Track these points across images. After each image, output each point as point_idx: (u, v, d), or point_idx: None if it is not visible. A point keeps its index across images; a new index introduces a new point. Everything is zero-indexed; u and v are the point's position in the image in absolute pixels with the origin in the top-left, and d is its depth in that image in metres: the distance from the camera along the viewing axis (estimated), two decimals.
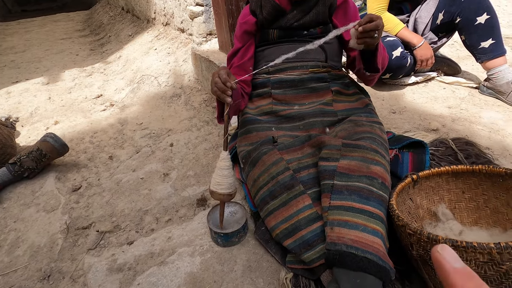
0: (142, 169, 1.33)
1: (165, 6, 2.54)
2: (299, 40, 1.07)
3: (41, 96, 2.22)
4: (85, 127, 1.73)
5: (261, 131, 0.99)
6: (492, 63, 1.43)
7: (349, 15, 1.05)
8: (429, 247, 0.63)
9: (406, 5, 1.65)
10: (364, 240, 0.66)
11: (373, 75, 1.00)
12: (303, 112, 1.00)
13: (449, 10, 1.46)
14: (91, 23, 4.73)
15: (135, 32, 3.19)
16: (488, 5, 1.40)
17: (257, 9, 1.05)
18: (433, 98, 1.55)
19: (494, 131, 1.26)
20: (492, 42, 1.41)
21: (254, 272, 0.83)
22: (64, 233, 1.04)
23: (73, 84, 2.44)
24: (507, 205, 0.78)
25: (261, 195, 0.87)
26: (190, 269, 0.85)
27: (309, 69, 1.05)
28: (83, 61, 3.03)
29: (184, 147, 1.45)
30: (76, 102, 2.12)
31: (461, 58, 1.91)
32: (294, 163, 0.85)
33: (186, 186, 1.20)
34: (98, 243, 0.99)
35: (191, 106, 1.80)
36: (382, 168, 0.77)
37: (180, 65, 2.13)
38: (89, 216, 1.11)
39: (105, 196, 1.19)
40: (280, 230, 0.79)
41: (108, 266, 0.90)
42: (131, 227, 1.04)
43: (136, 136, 1.60)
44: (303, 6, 1.02)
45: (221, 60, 1.66)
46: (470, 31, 1.43)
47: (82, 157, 1.46)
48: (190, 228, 1.00)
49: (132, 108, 1.91)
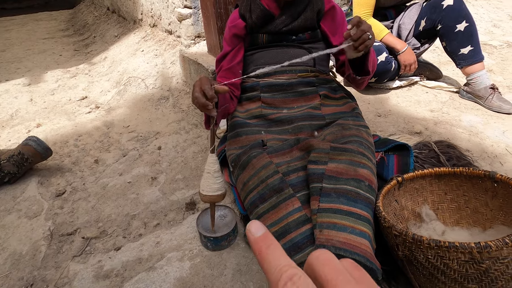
0: (129, 173, 1.31)
1: (152, 7, 2.51)
2: (287, 44, 1.08)
3: (22, 98, 2.15)
4: (69, 130, 1.68)
5: (251, 134, 1.00)
6: (471, 68, 1.50)
7: (337, 21, 1.08)
8: (414, 248, 0.65)
9: (390, 12, 1.71)
10: (352, 242, 0.67)
11: (364, 78, 1.02)
12: (292, 116, 1.02)
13: (430, 18, 1.52)
14: (75, 23, 4.61)
15: (121, 33, 3.14)
16: (467, 13, 1.46)
17: (246, 13, 1.06)
18: (416, 102, 1.60)
19: (473, 134, 1.31)
20: (471, 49, 1.47)
21: (244, 275, 0.83)
22: (47, 239, 1.01)
23: (56, 85, 2.37)
24: (486, 206, 0.81)
25: (250, 198, 0.87)
26: (179, 274, 0.85)
27: (297, 73, 1.07)
28: (67, 61, 2.95)
29: (173, 150, 1.44)
30: (59, 104, 2.06)
31: (442, 63, 1.99)
32: (283, 166, 0.86)
33: (174, 190, 1.19)
34: (84, 250, 0.96)
35: (180, 109, 1.78)
36: (369, 171, 0.79)
37: (168, 67, 2.11)
38: (74, 222, 1.08)
39: (91, 201, 1.17)
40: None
41: (94, 273, 0.88)
42: (118, 233, 1.02)
43: (122, 139, 1.57)
44: (292, 12, 1.03)
45: (209, 63, 1.65)
46: (451, 38, 1.49)
47: (66, 161, 1.42)
48: (179, 232, 0.99)
49: (119, 110, 1.87)
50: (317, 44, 1.10)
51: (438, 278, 0.64)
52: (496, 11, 2.79)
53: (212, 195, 0.86)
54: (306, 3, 1.03)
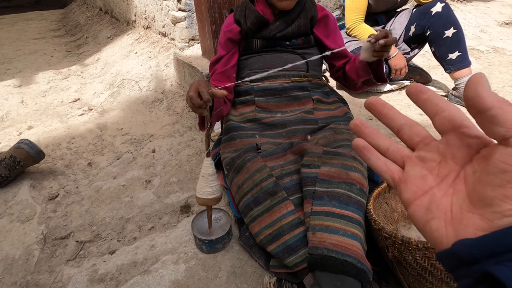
0: (123, 176, 1.30)
1: (146, 9, 2.51)
2: (281, 50, 1.10)
3: (12, 100, 2.12)
4: (62, 133, 1.67)
5: (245, 138, 1.01)
6: (458, 73, 1.55)
7: (330, 28, 1.10)
8: (403, 249, 0.67)
9: (381, 17, 1.75)
10: (344, 244, 0.69)
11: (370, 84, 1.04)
12: (286, 120, 1.04)
13: (420, 23, 1.56)
14: (67, 23, 4.56)
15: (114, 34, 3.12)
16: (455, 20, 1.51)
17: (241, 18, 1.07)
18: (406, 106, 1.64)
19: None
20: (459, 54, 1.52)
21: (238, 277, 0.84)
22: (40, 244, 1.00)
23: (48, 87, 2.35)
24: None
25: (245, 201, 0.88)
26: (174, 277, 0.85)
27: (291, 78, 1.09)
28: (59, 63, 2.92)
29: (167, 153, 1.44)
30: (51, 106, 2.04)
31: (431, 67, 2.04)
32: (277, 170, 0.88)
33: (169, 193, 1.19)
34: (78, 254, 0.96)
35: (174, 112, 1.79)
36: (360, 175, 0.82)
37: (162, 69, 2.11)
38: (68, 225, 1.07)
39: (85, 205, 1.16)
40: (264, 236, 0.82)
41: (89, 277, 0.88)
42: (113, 236, 1.02)
43: (116, 141, 1.57)
44: (286, 18, 1.05)
45: (204, 66, 1.66)
46: (439, 43, 1.54)
47: (59, 164, 1.41)
48: (174, 235, 1.00)
49: (112, 113, 1.87)
50: (310, 49, 1.12)
51: (426, 278, 0.67)
52: (483, 16, 2.87)
53: (208, 198, 0.87)
54: (299, 10, 1.05)
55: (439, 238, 0.22)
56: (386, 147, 0.29)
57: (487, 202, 0.20)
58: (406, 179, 0.26)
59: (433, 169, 0.25)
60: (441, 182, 0.24)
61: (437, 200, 0.24)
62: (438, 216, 0.23)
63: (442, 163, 0.25)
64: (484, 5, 3.08)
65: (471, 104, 0.21)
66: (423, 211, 0.24)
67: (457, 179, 0.24)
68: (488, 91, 0.20)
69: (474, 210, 0.21)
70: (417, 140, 0.27)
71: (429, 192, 0.24)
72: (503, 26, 2.76)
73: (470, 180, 0.22)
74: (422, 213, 0.24)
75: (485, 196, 0.20)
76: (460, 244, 0.20)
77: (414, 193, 0.25)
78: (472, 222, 0.21)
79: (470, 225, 0.20)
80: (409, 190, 0.25)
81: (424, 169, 0.26)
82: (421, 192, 0.25)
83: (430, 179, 0.25)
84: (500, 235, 0.18)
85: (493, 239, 0.19)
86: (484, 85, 0.20)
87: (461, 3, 3.07)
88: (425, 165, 0.26)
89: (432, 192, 0.24)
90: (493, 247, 0.18)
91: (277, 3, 1.01)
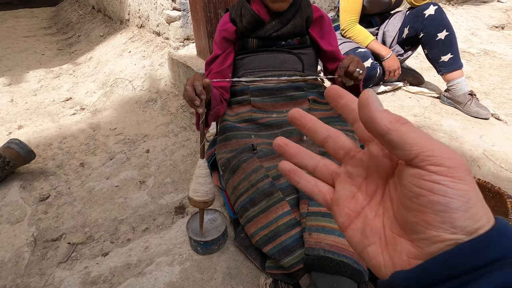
0: (117, 177, 1.29)
1: (140, 8, 2.48)
2: (277, 50, 1.10)
3: (2, 98, 2.07)
4: (53, 132, 1.64)
5: (241, 138, 1.01)
6: (451, 75, 1.57)
7: (325, 29, 1.11)
8: None
9: (375, 19, 1.76)
10: (340, 245, 0.69)
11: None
12: (281, 120, 1.03)
13: (413, 26, 1.58)
14: (58, 21, 4.48)
15: (107, 33, 3.08)
16: (447, 23, 1.53)
17: (237, 18, 1.07)
18: (400, 107, 1.66)
19: (453, 138, 1.37)
20: (451, 57, 1.54)
21: (234, 279, 0.83)
22: (31, 246, 0.98)
23: (38, 86, 2.30)
24: None
25: (241, 202, 0.88)
26: (169, 279, 0.84)
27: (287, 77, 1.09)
28: (50, 61, 2.87)
29: (161, 153, 1.43)
30: (42, 105, 2.00)
31: (424, 69, 2.06)
32: (273, 170, 0.88)
33: (163, 193, 1.18)
34: (70, 256, 0.94)
35: (168, 112, 1.77)
36: None
37: (156, 69, 2.09)
38: (59, 227, 1.05)
39: (77, 206, 1.14)
40: (260, 237, 0.81)
41: (81, 279, 0.86)
42: (106, 238, 1.00)
43: (109, 142, 1.55)
44: (281, 18, 1.05)
45: (199, 66, 1.65)
46: (432, 45, 1.56)
47: (50, 164, 1.38)
48: (169, 236, 0.99)
49: (105, 112, 1.84)
50: (306, 49, 1.12)
51: None
52: (474, 19, 2.93)
53: (201, 200, 0.86)
54: (295, 10, 1.05)
55: (377, 265, 0.21)
56: (314, 165, 0.26)
57: (412, 228, 0.19)
58: (338, 200, 0.24)
59: (361, 185, 0.24)
60: (371, 201, 0.23)
61: (370, 223, 0.22)
62: (374, 241, 0.22)
63: (368, 178, 0.23)
64: (475, 9, 3.14)
65: (367, 128, 0.20)
66: (359, 237, 0.23)
67: (385, 196, 0.23)
68: (380, 112, 0.19)
69: (404, 235, 0.20)
70: (342, 154, 0.25)
71: (362, 214, 0.23)
72: (493, 30, 2.82)
73: (394, 197, 0.21)
74: (359, 239, 0.23)
75: (409, 222, 0.19)
76: (396, 277, 0.19)
77: (348, 216, 0.23)
78: (404, 248, 0.20)
79: (404, 251, 0.20)
80: (342, 214, 0.24)
81: (353, 187, 0.24)
82: (354, 214, 0.23)
83: (360, 198, 0.23)
84: (430, 265, 0.18)
85: (425, 269, 0.18)
86: (374, 104, 0.20)
87: (453, 7, 3.13)
88: (353, 182, 0.24)
89: (365, 213, 0.23)
90: (426, 278, 0.18)
91: (270, 5, 1.01)
